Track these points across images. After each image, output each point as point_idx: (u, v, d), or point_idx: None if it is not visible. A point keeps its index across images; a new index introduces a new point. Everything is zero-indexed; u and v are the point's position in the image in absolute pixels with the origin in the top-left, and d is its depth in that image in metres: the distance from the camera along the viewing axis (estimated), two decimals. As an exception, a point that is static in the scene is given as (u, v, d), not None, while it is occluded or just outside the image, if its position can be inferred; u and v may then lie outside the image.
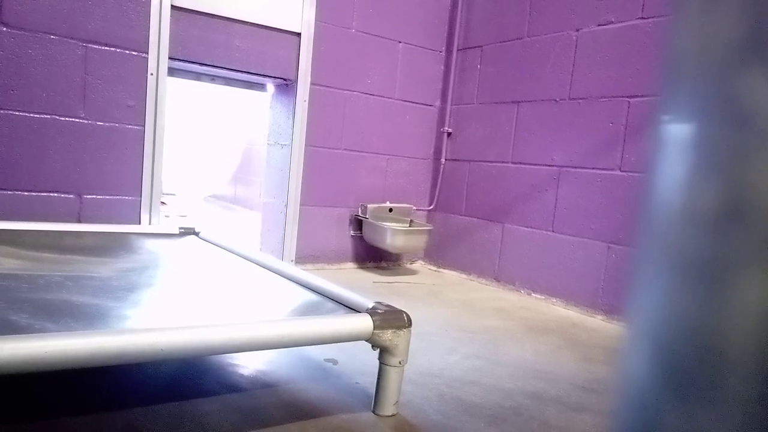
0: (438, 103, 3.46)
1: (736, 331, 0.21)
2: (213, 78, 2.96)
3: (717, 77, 0.22)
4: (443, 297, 2.72)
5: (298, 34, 2.88)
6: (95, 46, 2.35)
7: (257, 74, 2.84)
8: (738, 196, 0.21)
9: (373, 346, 1.33)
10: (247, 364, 1.60)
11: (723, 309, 0.21)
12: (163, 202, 3.15)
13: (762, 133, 0.21)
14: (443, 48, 3.43)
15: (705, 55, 0.22)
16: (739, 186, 0.21)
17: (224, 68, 2.73)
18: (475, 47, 3.25)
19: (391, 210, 3.25)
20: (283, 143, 3.03)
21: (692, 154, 0.23)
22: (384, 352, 1.33)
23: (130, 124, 2.47)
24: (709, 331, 0.21)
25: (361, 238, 3.24)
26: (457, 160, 3.35)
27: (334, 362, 1.68)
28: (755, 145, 0.21)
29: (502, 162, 3.06)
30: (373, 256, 3.33)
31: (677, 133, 0.24)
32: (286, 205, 2.99)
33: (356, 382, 1.55)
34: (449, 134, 3.40)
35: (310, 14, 2.90)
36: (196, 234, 2.35)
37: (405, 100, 3.32)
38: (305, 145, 2.99)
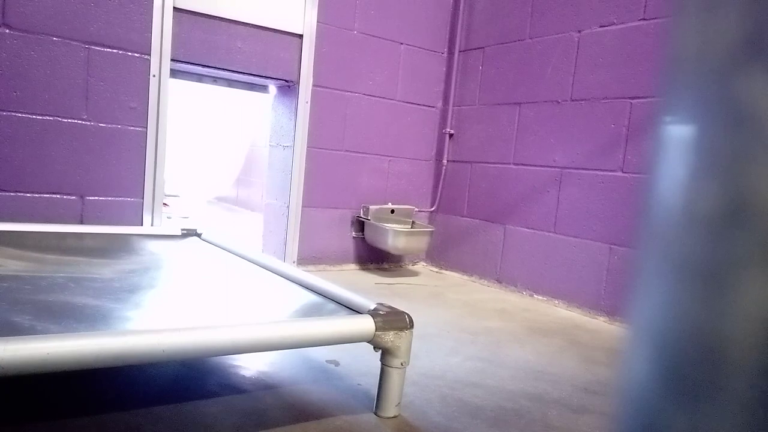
0: (440, 104, 3.46)
1: (738, 332, 0.21)
2: (215, 80, 2.97)
3: (718, 78, 0.22)
4: (445, 298, 2.72)
5: (300, 36, 2.89)
6: (98, 48, 2.36)
7: (259, 76, 2.84)
8: (739, 197, 0.21)
9: (375, 348, 1.33)
10: (249, 366, 1.60)
11: (725, 311, 0.21)
12: (165, 204, 3.15)
13: (764, 134, 0.20)
14: (445, 49, 3.43)
15: (706, 56, 0.22)
16: (741, 187, 0.21)
17: (226, 70, 2.73)
18: (477, 48, 3.25)
19: (392, 211, 3.25)
20: (285, 145, 3.04)
21: (693, 156, 0.23)
22: (386, 353, 1.33)
23: (133, 126, 2.47)
24: (711, 332, 0.21)
25: (363, 239, 3.24)
26: (459, 161, 3.35)
27: (336, 364, 1.68)
28: (757, 146, 0.21)
29: (504, 163, 3.05)
30: (374, 258, 3.33)
31: (678, 134, 0.24)
32: (288, 207, 3.00)
33: (358, 384, 1.55)
34: (451, 135, 3.40)
35: (312, 16, 2.90)
36: (198, 235, 2.35)
37: (407, 102, 3.32)
38: (307, 147, 2.99)
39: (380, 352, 1.34)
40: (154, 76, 2.49)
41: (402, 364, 1.34)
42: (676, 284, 0.23)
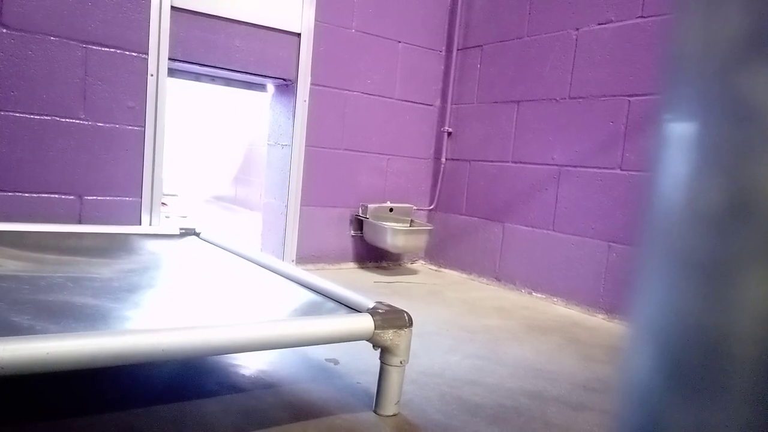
0: (438, 102, 3.46)
1: (740, 328, 0.21)
2: (213, 78, 2.96)
3: (720, 74, 0.22)
4: (444, 296, 2.72)
5: (298, 35, 2.88)
6: (95, 47, 2.35)
7: (257, 74, 2.84)
8: (741, 193, 0.21)
9: (374, 346, 1.33)
10: (249, 365, 1.60)
11: (727, 307, 0.21)
12: (163, 203, 3.15)
13: (766, 130, 0.20)
14: (443, 47, 3.43)
15: (708, 53, 0.22)
16: (743, 183, 0.21)
17: (224, 69, 2.73)
18: (475, 47, 3.25)
19: (391, 210, 3.25)
20: (283, 144, 3.03)
21: (695, 152, 0.23)
22: (385, 351, 1.33)
23: (131, 125, 2.47)
24: (713, 329, 0.21)
25: (362, 238, 3.24)
26: (458, 159, 3.35)
27: (336, 362, 1.68)
28: (759, 142, 0.21)
29: (503, 161, 3.05)
30: (373, 256, 3.33)
31: (680, 131, 0.24)
32: (286, 206, 2.99)
33: (357, 382, 1.55)
34: (449, 134, 3.40)
35: (310, 14, 2.89)
36: (197, 234, 2.35)
37: (405, 100, 3.32)
38: (305, 146, 2.99)
39: (379, 350, 1.34)
40: (152, 75, 2.48)
41: (401, 363, 1.34)
42: (678, 281, 0.23)
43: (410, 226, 3.25)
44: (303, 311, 1.47)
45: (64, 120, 2.33)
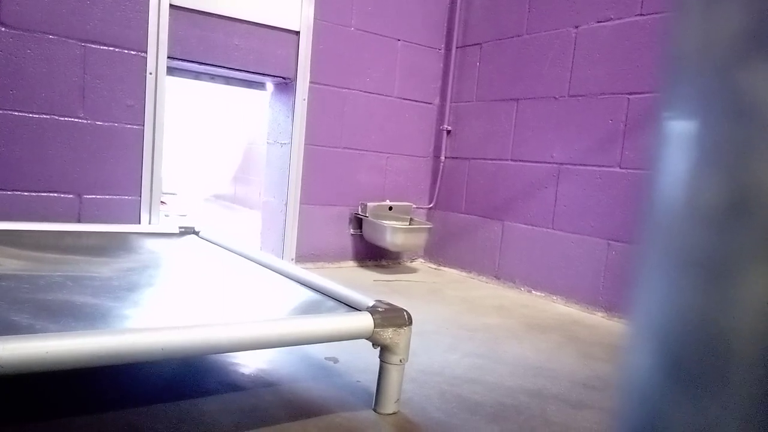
0: (437, 100, 3.45)
1: (741, 325, 0.21)
2: (212, 77, 2.96)
3: (720, 72, 0.22)
4: (443, 295, 2.72)
5: (297, 33, 2.88)
6: (94, 46, 2.35)
7: (256, 73, 2.83)
8: (742, 190, 0.21)
9: (373, 345, 1.33)
10: (248, 363, 1.60)
11: (728, 303, 0.21)
12: (163, 202, 3.15)
13: (765, 127, 0.20)
14: (442, 46, 3.43)
15: (708, 50, 0.22)
16: (743, 180, 0.21)
17: (223, 67, 2.73)
18: (474, 45, 3.25)
19: (390, 208, 3.25)
20: (282, 142, 3.03)
21: (695, 150, 0.23)
22: (385, 350, 1.33)
23: (130, 124, 2.46)
24: (713, 325, 0.21)
25: (361, 236, 3.24)
26: (457, 157, 3.34)
27: (335, 361, 1.68)
28: (758, 139, 0.21)
29: (502, 159, 3.05)
30: (373, 255, 3.33)
31: (680, 129, 0.24)
32: (285, 204, 2.99)
33: (357, 381, 1.55)
34: (449, 132, 3.40)
35: (309, 12, 2.89)
36: (196, 233, 2.35)
37: (404, 98, 3.32)
38: (305, 144, 2.99)
39: (379, 349, 1.34)
40: (150, 73, 2.48)
41: (401, 361, 1.34)
42: (678, 278, 0.23)
43: (409, 225, 3.25)
44: (302, 310, 1.47)
45: (63, 119, 2.32)
